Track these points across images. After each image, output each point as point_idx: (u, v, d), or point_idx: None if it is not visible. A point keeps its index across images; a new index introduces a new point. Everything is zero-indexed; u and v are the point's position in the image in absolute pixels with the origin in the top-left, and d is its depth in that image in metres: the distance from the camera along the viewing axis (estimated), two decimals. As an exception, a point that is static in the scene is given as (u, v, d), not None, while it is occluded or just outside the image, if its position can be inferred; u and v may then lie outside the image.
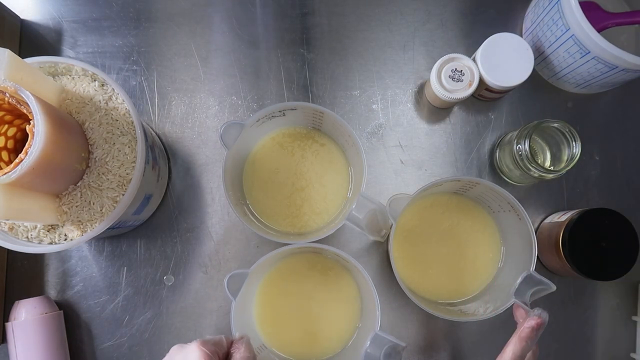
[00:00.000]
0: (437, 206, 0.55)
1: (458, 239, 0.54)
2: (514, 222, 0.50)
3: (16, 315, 0.51)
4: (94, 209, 0.44)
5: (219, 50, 0.60)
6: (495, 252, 0.54)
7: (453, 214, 0.55)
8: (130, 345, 0.56)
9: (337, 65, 0.60)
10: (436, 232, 0.55)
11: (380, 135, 0.59)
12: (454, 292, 0.54)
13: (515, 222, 0.50)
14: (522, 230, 0.48)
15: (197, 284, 0.56)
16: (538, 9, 0.56)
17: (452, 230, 0.55)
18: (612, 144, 0.59)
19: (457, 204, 0.55)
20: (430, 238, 0.55)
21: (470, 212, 0.55)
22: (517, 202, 0.47)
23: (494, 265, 0.54)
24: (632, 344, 0.57)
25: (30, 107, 0.37)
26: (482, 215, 0.55)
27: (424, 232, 0.55)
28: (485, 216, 0.55)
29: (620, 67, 0.50)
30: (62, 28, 0.60)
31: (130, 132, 0.46)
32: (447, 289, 0.54)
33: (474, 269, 0.54)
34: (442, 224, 0.55)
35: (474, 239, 0.54)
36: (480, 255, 0.54)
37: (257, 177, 0.54)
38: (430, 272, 0.54)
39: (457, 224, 0.55)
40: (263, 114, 0.49)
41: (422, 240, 0.55)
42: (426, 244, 0.54)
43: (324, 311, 0.53)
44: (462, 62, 0.54)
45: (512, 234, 0.52)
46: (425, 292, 0.54)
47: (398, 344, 0.43)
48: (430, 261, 0.54)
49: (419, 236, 0.55)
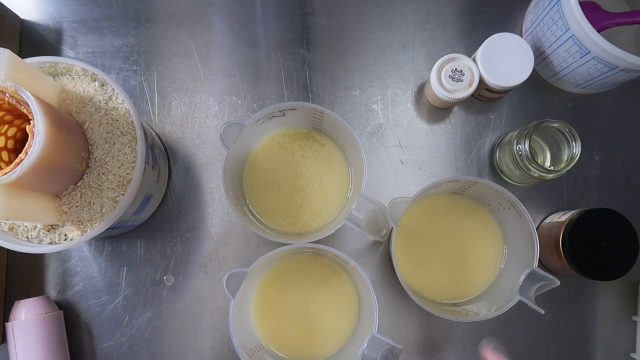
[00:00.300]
0: (438, 207, 0.55)
1: (460, 238, 0.54)
2: (515, 220, 0.50)
3: (16, 315, 0.51)
4: (94, 209, 0.44)
5: (219, 50, 0.60)
6: (498, 250, 0.54)
7: (454, 214, 0.55)
8: (130, 345, 0.56)
9: (337, 65, 0.60)
10: (437, 233, 0.55)
11: (380, 135, 0.59)
12: (457, 293, 0.54)
13: (515, 220, 0.50)
14: (523, 227, 0.48)
15: (197, 284, 0.56)
16: (538, 9, 0.56)
17: (453, 230, 0.55)
18: (612, 144, 0.59)
19: (457, 204, 0.55)
20: (431, 239, 0.54)
21: (470, 211, 0.55)
22: (516, 199, 0.47)
23: (497, 263, 0.54)
24: (632, 344, 0.57)
25: (30, 107, 0.37)
26: (483, 213, 0.55)
27: (425, 233, 0.55)
28: (486, 215, 0.55)
29: (620, 67, 0.50)
30: (62, 28, 0.60)
31: (130, 132, 0.46)
32: (450, 289, 0.54)
33: (476, 269, 0.54)
34: (443, 224, 0.55)
35: (475, 238, 0.54)
36: (483, 255, 0.54)
37: (257, 177, 0.54)
38: (433, 272, 0.54)
39: (458, 223, 0.55)
40: (263, 114, 0.49)
41: (423, 241, 0.54)
42: (428, 244, 0.54)
43: (322, 312, 0.53)
44: (462, 62, 0.54)
45: (514, 232, 0.52)
46: (428, 293, 0.54)
47: (395, 347, 0.43)
48: (432, 262, 0.54)
49: (421, 237, 0.55)
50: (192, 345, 0.55)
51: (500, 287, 0.52)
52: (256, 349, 0.49)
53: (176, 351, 0.55)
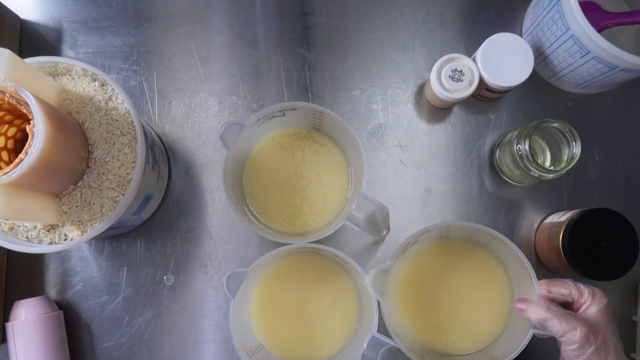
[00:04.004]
0: (426, 257, 0.53)
1: (461, 284, 0.52)
2: (504, 249, 0.49)
3: (16, 315, 0.51)
4: (94, 209, 0.44)
5: (219, 50, 0.60)
6: (504, 281, 0.51)
7: (446, 261, 0.53)
8: (130, 345, 0.56)
9: (337, 65, 0.60)
10: (438, 282, 0.52)
11: (380, 135, 0.59)
12: (469, 344, 0.51)
13: (505, 249, 0.48)
14: (514, 255, 0.47)
15: (197, 284, 0.56)
16: (538, 9, 0.56)
17: (449, 277, 0.52)
18: (612, 144, 0.59)
19: (447, 249, 0.53)
20: (431, 288, 0.52)
21: (460, 252, 0.53)
22: (495, 231, 0.46)
23: (504, 301, 0.51)
24: (632, 344, 0.57)
25: (30, 107, 0.37)
26: (476, 251, 0.53)
27: (426, 285, 0.52)
28: (480, 252, 0.53)
29: (620, 67, 0.50)
30: (62, 28, 0.60)
31: (130, 132, 0.46)
32: (463, 341, 0.51)
33: (486, 311, 0.51)
34: (438, 272, 0.53)
35: (476, 280, 0.52)
36: (488, 293, 0.52)
37: (257, 177, 0.54)
38: (444, 326, 0.51)
39: (453, 269, 0.52)
40: (263, 114, 0.49)
41: (426, 295, 0.52)
42: (428, 294, 0.52)
43: (322, 312, 0.53)
44: (462, 62, 0.54)
45: (510, 261, 0.50)
46: (438, 347, 0.51)
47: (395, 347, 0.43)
48: (438, 316, 0.51)
49: (421, 289, 0.52)
50: (192, 345, 0.55)
51: (514, 325, 0.50)
52: (256, 349, 0.49)
53: (176, 351, 0.55)
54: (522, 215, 0.58)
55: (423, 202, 0.58)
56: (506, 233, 0.57)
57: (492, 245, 0.51)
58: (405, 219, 0.57)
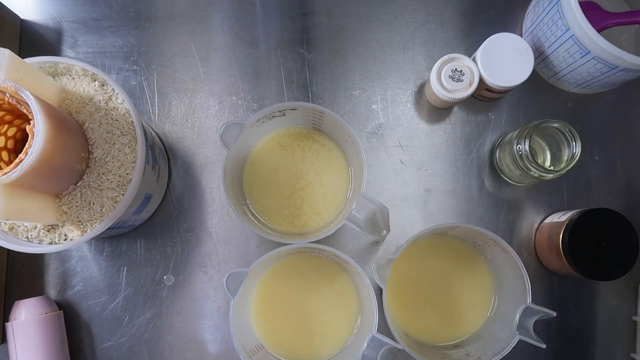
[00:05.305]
0: (423, 250, 0.54)
1: (448, 280, 0.54)
2: (502, 256, 0.49)
3: (16, 315, 0.51)
4: (94, 209, 0.44)
5: (219, 50, 0.60)
6: (488, 286, 0.53)
7: (440, 256, 0.54)
8: (130, 345, 0.56)
9: (337, 65, 0.60)
10: (426, 276, 0.54)
11: (380, 135, 0.59)
12: (449, 335, 0.53)
13: (502, 256, 0.49)
14: (511, 262, 0.47)
15: (197, 284, 0.56)
16: (538, 9, 0.56)
17: (441, 271, 0.54)
18: (612, 144, 0.59)
19: (442, 245, 0.54)
20: (420, 282, 0.54)
21: (456, 250, 0.54)
22: (497, 237, 0.47)
23: (487, 301, 0.53)
24: (632, 344, 0.57)
25: (30, 107, 0.37)
26: (469, 252, 0.54)
27: (414, 278, 0.54)
28: (472, 253, 0.54)
29: (620, 67, 0.50)
30: (62, 28, 0.60)
31: (130, 132, 0.46)
32: (442, 331, 0.53)
33: (467, 308, 0.53)
34: (431, 267, 0.54)
35: (464, 277, 0.54)
36: (473, 293, 0.53)
37: (257, 177, 0.54)
38: (424, 315, 0.53)
39: (445, 265, 0.54)
40: (263, 114, 0.49)
41: (412, 287, 0.54)
42: (416, 289, 0.54)
43: (322, 312, 0.53)
44: (462, 62, 0.54)
45: (503, 267, 0.51)
46: (422, 337, 0.53)
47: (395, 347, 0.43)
48: (422, 305, 0.53)
49: (409, 282, 0.54)
50: (192, 345, 0.55)
51: (497, 325, 0.51)
52: (256, 349, 0.49)
53: (176, 351, 0.55)
54: (522, 215, 0.58)
55: (423, 202, 0.58)
56: (506, 233, 0.58)
57: (486, 248, 0.52)
58: (405, 219, 0.57)
